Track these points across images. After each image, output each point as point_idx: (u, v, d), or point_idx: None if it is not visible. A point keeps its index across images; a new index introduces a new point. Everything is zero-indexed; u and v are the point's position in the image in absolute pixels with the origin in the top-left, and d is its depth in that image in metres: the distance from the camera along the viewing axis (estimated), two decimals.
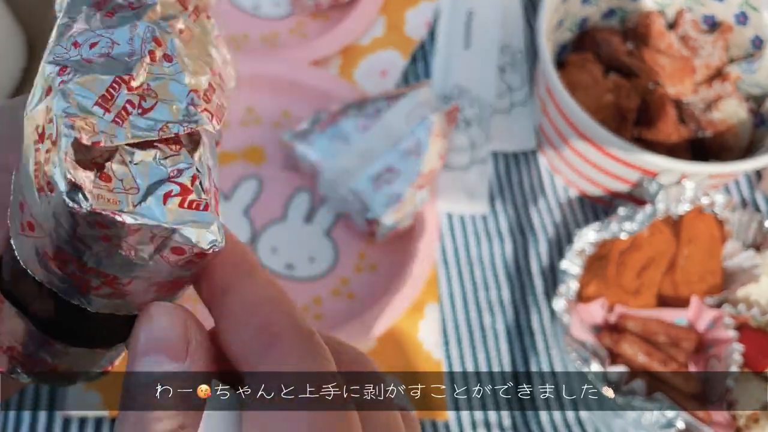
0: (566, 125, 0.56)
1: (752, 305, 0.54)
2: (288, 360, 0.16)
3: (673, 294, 0.55)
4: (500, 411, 0.53)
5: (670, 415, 0.46)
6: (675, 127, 0.60)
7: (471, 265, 0.59)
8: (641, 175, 0.56)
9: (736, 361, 0.50)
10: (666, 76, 0.62)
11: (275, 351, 0.16)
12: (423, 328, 0.55)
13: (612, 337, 0.52)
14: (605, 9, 0.66)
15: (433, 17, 0.70)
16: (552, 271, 0.59)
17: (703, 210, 0.56)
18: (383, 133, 0.58)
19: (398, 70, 0.67)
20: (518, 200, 0.62)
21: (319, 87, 0.62)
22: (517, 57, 0.69)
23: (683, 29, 0.65)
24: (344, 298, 0.56)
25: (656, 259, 0.54)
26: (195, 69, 0.20)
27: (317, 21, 0.70)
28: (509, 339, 0.56)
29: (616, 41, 0.64)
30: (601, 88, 0.59)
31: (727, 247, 0.57)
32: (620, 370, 0.50)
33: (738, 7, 0.64)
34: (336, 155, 0.57)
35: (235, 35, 0.67)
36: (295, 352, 0.16)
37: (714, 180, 0.57)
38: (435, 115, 0.58)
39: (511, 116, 0.66)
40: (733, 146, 0.61)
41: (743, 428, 0.50)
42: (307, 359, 0.16)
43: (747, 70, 0.63)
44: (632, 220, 0.54)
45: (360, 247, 0.58)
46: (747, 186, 0.66)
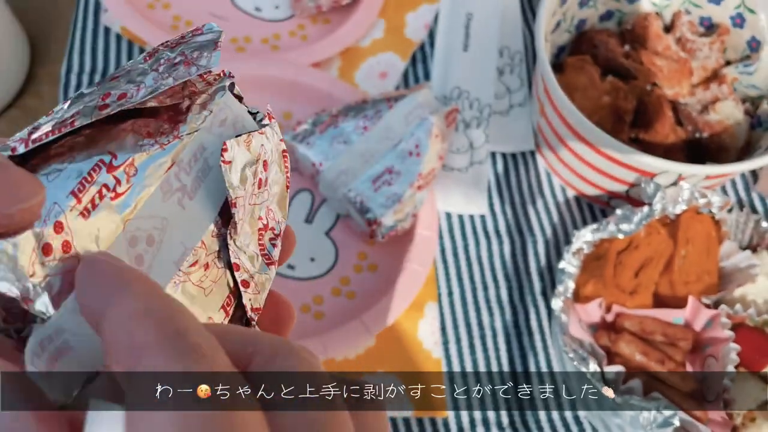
0: (564, 127, 0.57)
1: (749, 305, 0.54)
2: (155, 366, 0.16)
3: (671, 294, 0.55)
4: (499, 411, 0.53)
5: (668, 414, 0.46)
6: (672, 128, 0.60)
7: (470, 264, 0.59)
8: (638, 176, 0.56)
9: (733, 360, 0.50)
10: (663, 77, 0.62)
11: (143, 364, 0.16)
12: (422, 328, 0.56)
13: (609, 337, 0.53)
14: (603, 11, 0.67)
15: (432, 20, 0.70)
16: (550, 270, 0.59)
17: (700, 210, 0.56)
18: (383, 135, 0.58)
19: (398, 72, 0.67)
20: (517, 201, 0.63)
21: (320, 89, 0.62)
22: (515, 59, 0.69)
23: (680, 31, 0.65)
24: (344, 297, 0.56)
25: (653, 259, 0.55)
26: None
27: (318, 23, 0.70)
28: (507, 338, 0.57)
29: (613, 43, 0.64)
30: (599, 89, 0.60)
31: (724, 248, 0.57)
32: (617, 370, 0.50)
33: (735, 9, 0.64)
34: (336, 156, 0.58)
35: (236, 37, 0.68)
36: (161, 358, 0.16)
37: (711, 181, 0.57)
38: (434, 117, 0.58)
39: (509, 117, 0.66)
40: (729, 147, 0.61)
41: (740, 427, 0.50)
42: (171, 363, 0.16)
43: (744, 71, 0.63)
44: (629, 221, 0.54)
45: (360, 247, 0.59)
46: (743, 187, 0.66)
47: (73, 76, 0.62)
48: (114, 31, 0.65)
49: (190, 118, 0.22)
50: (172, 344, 0.16)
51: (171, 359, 0.16)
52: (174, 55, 0.23)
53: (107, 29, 0.65)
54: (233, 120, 0.24)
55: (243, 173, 0.23)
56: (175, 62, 0.23)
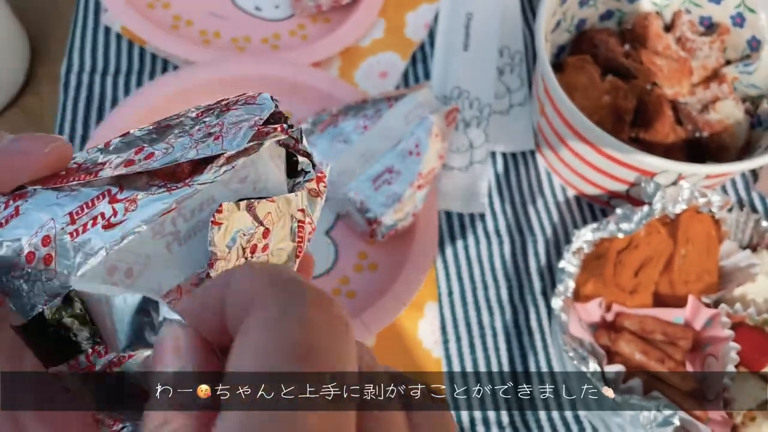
0: (564, 126, 0.57)
1: (749, 304, 0.54)
2: (268, 313, 0.16)
3: (670, 293, 0.55)
4: (499, 410, 0.53)
5: (667, 413, 0.46)
6: (672, 127, 0.60)
7: (470, 264, 0.59)
8: (638, 175, 0.56)
9: (733, 359, 0.50)
10: (663, 77, 0.62)
11: (254, 309, 0.16)
12: (422, 327, 0.56)
13: (609, 336, 0.53)
14: (603, 11, 0.67)
15: (432, 19, 0.70)
16: (550, 270, 0.59)
17: (700, 210, 0.56)
18: (383, 134, 0.58)
19: (398, 71, 0.67)
20: (517, 200, 0.63)
21: (320, 88, 0.62)
22: (515, 58, 0.69)
23: (680, 31, 0.65)
24: (344, 297, 0.56)
25: (653, 259, 0.55)
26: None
27: (318, 23, 0.70)
28: (507, 337, 0.57)
29: (613, 43, 0.64)
30: (599, 89, 0.60)
31: (724, 247, 0.57)
32: (617, 369, 0.50)
33: (735, 9, 0.64)
34: (336, 156, 0.58)
35: (236, 37, 0.68)
36: (272, 305, 0.16)
37: (711, 180, 0.57)
38: (434, 116, 0.58)
39: (509, 117, 0.66)
40: (729, 147, 0.61)
41: (740, 426, 0.50)
42: (289, 306, 0.16)
43: (744, 71, 0.63)
44: (629, 220, 0.54)
45: (360, 247, 0.59)
46: (744, 186, 0.66)
47: (73, 76, 0.62)
48: (114, 30, 0.65)
49: (208, 169, 0.22)
50: (282, 290, 0.16)
51: (287, 306, 0.16)
52: (215, 123, 0.23)
53: (107, 29, 0.65)
54: (255, 179, 0.24)
55: (233, 237, 0.22)
56: (209, 132, 0.23)
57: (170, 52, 0.62)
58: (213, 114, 0.23)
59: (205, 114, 0.24)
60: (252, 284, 0.17)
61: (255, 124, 0.22)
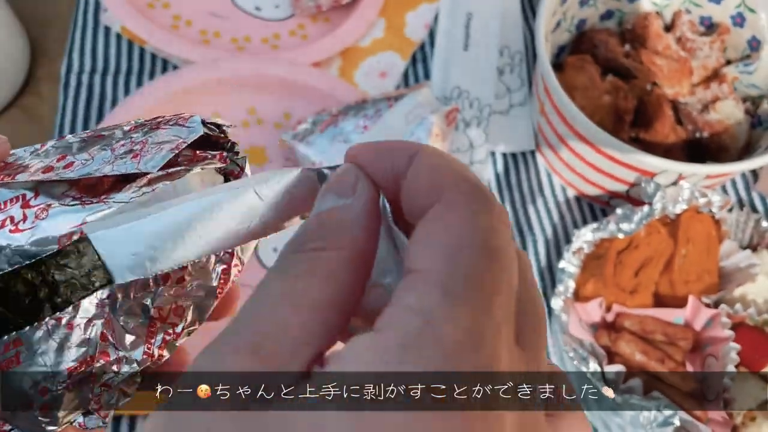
0: (564, 126, 0.57)
1: (749, 304, 0.54)
2: (455, 207, 0.17)
3: (671, 293, 0.55)
4: None
5: (668, 413, 0.47)
6: (672, 127, 0.60)
7: None
8: (639, 175, 0.56)
9: (733, 360, 0.50)
10: (663, 77, 0.62)
11: (446, 196, 0.17)
12: None
13: (609, 336, 0.53)
14: (603, 11, 0.67)
15: (432, 19, 0.70)
16: (550, 270, 0.59)
17: (700, 210, 0.56)
18: (383, 134, 0.58)
19: (398, 71, 0.67)
20: (517, 200, 0.63)
21: (320, 88, 0.62)
22: (515, 58, 0.69)
23: (680, 31, 0.65)
24: None
25: (654, 259, 0.55)
26: None
27: (318, 23, 0.70)
28: None
29: (613, 43, 0.64)
30: (599, 89, 0.60)
31: (724, 247, 0.57)
32: (618, 369, 0.50)
33: (735, 9, 0.64)
34: (337, 156, 0.58)
35: (236, 37, 0.68)
36: (461, 199, 0.17)
37: (711, 180, 0.57)
38: (434, 116, 0.58)
39: (509, 117, 0.66)
40: (729, 147, 0.61)
41: (740, 427, 0.50)
42: (474, 205, 0.17)
43: (744, 71, 0.63)
44: (630, 220, 0.54)
45: None
46: (744, 186, 0.66)
47: (72, 76, 0.62)
48: (114, 30, 0.65)
49: (128, 188, 0.22)
50: (471, 190, 0.17)
51: (471, 205, 0.17)
52: (140, 140, 0.22)
53: (107, 29, 0.65)
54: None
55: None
56: (131, 149, 0.22)
57: (170, 52, 0.62)
58: (142, 131, 0.23)
59: (137, 129, 0.23)
60: (442, 171, 0.18)
61: (177, 147, 0.22)
